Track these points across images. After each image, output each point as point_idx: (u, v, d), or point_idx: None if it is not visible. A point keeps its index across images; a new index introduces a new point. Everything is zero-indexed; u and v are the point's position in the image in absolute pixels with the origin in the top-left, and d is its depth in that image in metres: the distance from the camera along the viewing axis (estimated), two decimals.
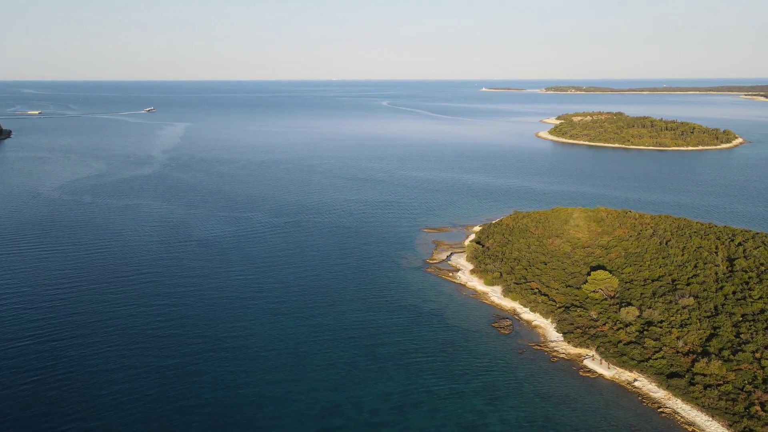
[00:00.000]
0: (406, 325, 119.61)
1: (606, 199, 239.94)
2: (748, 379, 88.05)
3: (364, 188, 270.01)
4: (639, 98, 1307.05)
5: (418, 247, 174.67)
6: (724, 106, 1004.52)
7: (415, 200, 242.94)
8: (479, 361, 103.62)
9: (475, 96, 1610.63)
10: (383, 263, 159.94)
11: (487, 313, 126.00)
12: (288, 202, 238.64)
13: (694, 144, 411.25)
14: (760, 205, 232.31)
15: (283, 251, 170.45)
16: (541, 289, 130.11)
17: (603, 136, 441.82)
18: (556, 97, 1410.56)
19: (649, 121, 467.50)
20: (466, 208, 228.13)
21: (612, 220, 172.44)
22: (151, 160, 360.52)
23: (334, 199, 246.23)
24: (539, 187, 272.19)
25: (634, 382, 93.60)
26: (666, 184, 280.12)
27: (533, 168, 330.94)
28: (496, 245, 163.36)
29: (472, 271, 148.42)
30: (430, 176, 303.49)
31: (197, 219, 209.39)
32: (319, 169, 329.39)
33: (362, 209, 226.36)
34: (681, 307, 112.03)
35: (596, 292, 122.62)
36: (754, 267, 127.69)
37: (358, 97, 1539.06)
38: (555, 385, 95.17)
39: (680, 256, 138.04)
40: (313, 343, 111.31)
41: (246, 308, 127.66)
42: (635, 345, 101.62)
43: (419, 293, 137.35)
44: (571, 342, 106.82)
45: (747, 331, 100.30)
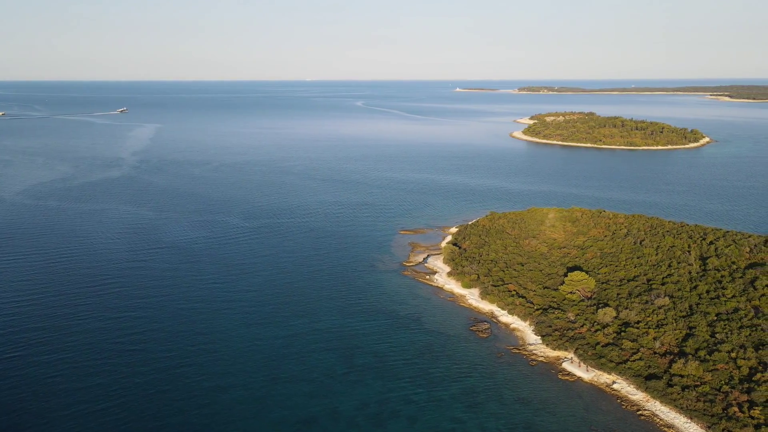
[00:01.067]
0: (383, 331, 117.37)
1: (580, 198, 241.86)
2: (724, 380, 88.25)
3: (339, 190, 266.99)
4: (609, 98, 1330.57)
5: (395, 250, 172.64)
6: (690, 106, 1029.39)
7: (390, 201, 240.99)
8: (458, 367, 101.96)
9: (449, 96, 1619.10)
10: (359, 266, 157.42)
11: (464, 316, 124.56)
12: (261, 205, 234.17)
13: (663, 143, 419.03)
14: (728, 203, 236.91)
15: (256, 256, 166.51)
16: (518, 291, 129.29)
17: (575, 136, 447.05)
18: (529, 98, 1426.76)
19: (620, 121, 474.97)
20: (442, 209, 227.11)
21: (587, 220, 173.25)
22: (119, 163, 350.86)
23: (308, 201, 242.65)
24: (514, 187, 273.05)
25: (613, 385, 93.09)
26: (637, 183, 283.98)
27: (508, 168, 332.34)
28: (473, 247, 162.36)
29: (449, 273, 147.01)
30: (406, 177, 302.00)
31: (167, 223, 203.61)
32: (293, 170, 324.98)
33: (337, 211, 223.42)
34: (657, 307, 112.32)
35: (573, 293, 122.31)
36: (726, 266, 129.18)
37: (332, 97, 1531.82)
38: (534, 389, 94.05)
39: (654, 255, 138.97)
40: (288, 353, 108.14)
41: (217, 318, 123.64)
42: (613, 346, 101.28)
43: (396, 297, 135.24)
44: (549, 345, 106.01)
45: (722, 331, 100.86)
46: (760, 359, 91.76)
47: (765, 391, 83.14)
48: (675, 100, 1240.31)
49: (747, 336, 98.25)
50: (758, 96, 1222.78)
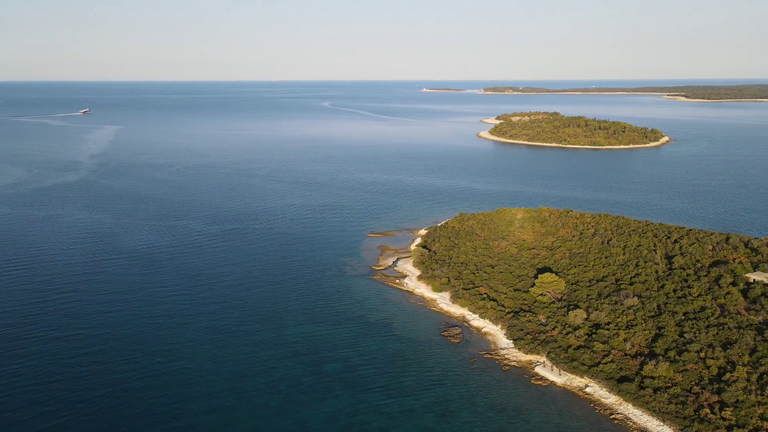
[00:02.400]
0: (352, 338, 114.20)
1: (547, 198, 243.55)
2: (695, 380, 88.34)
3: (306, 192, 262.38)
4: (572, 98, 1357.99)
5: (364, 253, 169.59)
6: (649, 105, 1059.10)
7: (358, 203, 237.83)
8: (430, 374, 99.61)
9: (416, 96, 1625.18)
10: (327, 271, 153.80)
11: (436, 321, 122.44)
12: (226, 209, 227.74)
13: (625, 142, 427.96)
14: (688, 201, 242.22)
15: (220, 262, 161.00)
16: (489, 294, 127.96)
17: (541, 136, 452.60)
18: (495, 98, 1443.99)
19: (584, 121, 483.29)
20: (411, 210, 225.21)
21: (555, 220, 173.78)
22: (76, 166, 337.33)
23: (275, 204, 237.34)
24: (482, 188, 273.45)
25: (586, 388, 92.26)
26: (602, 182, 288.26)
27: (475, 168, 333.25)
28: (443, 249, 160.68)
29: (420, 277, 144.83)
30: (374, 178, 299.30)
31: (127, 230, 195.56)
32: (259, 172, 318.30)
33: (305, 214, 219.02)
34: (626, 307, 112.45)
35: (544, 295, 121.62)
36: (691, 264, 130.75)
37: (299, 98, 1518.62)
38: (508, 395, 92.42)
39: (622, 255, 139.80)
40: (254, 363, 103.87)
41: (180, 328, 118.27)
42: (585, 349, 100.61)
43: (366, 302, 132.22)
44: (521, 349, 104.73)
45: (690, 330, 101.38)
46: (728, 358, 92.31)
47: (735, 391, 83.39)
48: (634, 100, 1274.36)
49: (714, 335, 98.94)
50: (712, 96, 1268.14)
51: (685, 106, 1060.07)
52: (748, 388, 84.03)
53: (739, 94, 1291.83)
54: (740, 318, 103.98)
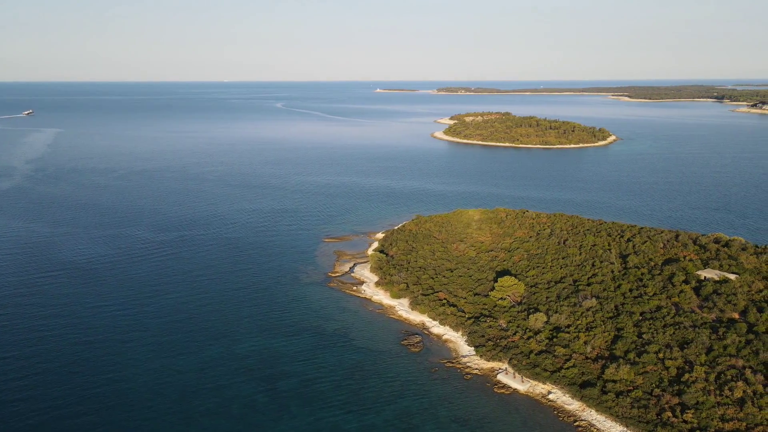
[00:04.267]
0: (309, 351, 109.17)
1: (502, 198, 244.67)
2: (655, 382, 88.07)
3: (258, 196, 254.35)
4: (522, 99, 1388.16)
5: (319, 259, 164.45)
6: (595, 105, 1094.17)
7: (313, 207, 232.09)
8: (390, 386, 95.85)
9: (370, 97, 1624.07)
10: (281, 279, 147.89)
11: (395, 329, 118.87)
12: (174, 216, 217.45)
13: (575, 142, 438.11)
14: (636, 199, 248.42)
15: (167, 273, 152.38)
16: (449, 300, 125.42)
17: (494, 136, 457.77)
18: (448, 98, 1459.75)
19: (535, 121, 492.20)
20: (367, 213, 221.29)
21: (511, 220, 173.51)
22: (10, 172, 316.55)
23: (225, 209, 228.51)
24: (438, 189, 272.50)
25: (549, 395, 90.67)
26: (555, 181, 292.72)
27: (431, 169, 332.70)
28: (401, 253, 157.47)
29: (377, 283, 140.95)
30: (328, 181, 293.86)
31: (65, 240, 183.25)
32: (208, 177, 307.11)
33: (257, 220, 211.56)
34: (585, 309, 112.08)
35: (504, 299, 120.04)
36: (644, 263, 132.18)
37: (250, 99, 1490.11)
38: (471, 406, 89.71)
39: (578, 255, 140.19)
40: (203, 383, 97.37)
41: (121, 346, 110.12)
42: (546, 354, 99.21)
43: (322, 312, 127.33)
44: (483, 356, 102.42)
45: (648, 331, 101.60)
46: (685, 358, 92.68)
47: (695, 392, 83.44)
48: (581, 100, 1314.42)
49: (671, 335, 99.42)
50: (653, 96, 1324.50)
51: (628, 105, 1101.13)
52: (707, 388, 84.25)
53: (677, 94, 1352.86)
54: (695, 316, 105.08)
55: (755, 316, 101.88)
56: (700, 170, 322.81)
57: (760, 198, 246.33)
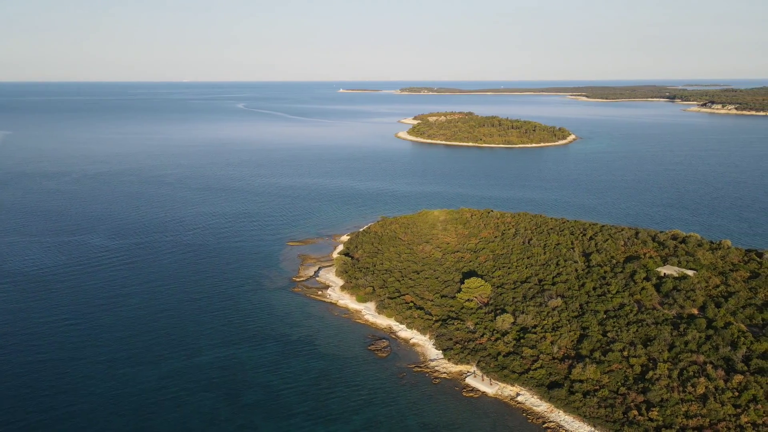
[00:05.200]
0: (273, 359, 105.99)
1: (467, 198, 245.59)
2: (620, 381, 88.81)
3: (219, 200, 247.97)
4: (484, 99, 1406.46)
5: (283, 264, 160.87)
6: (555, 105, 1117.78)
7: (276, 210, 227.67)
8: (358, 394, 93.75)
9: (333, 97, 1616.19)
10: (244, 286, 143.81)
11: (362, 334, 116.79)
12: (130, 221, 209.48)
13: (537, 141, 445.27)
14: (595, 196, 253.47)
15: (123, 282, 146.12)
16: (416, 303, 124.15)
17: (458, 136, 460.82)
18: (411, 98, 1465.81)
19: (497, 121, 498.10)
20: (332, 215, 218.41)
21: (476, 220, 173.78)
22: None
23: (185, 213, 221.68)
24: (403, 189, 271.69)
25: (517, 397, 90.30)
26: (518, 180, 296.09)
27: (395, 169, 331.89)
28: (366, 256, 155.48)
29: (343, 287, 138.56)
30: (292, 182, 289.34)
31: (13, 249, 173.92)
32: (166, 179, 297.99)
33: (218, 224, 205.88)
34: (551, 308, 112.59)
35: (471, 300, 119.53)
36: (607, 261, 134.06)
37: (211, 99, 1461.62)
38: (440, 411, 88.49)
39: (543, 255, 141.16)
40: (162, 398, 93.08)
41: (73, 363, 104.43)
42: (514, 355, 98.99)
43: (287, 318, 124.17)
44: (451, 359, 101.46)
45: (612, 329, 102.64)
46: (649, 355, 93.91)
47: (659, 390, 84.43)
48: (541, 100, 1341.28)
49: (635, 332, 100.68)
50: (610, 96, 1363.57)
51: (586, 105, 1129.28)
52: (670, 385, 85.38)
53: (632, 94, 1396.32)
54: (656, 313, 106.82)
55: (713, 311, 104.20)
56: (655, 168, 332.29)
57: (711, 194, 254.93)
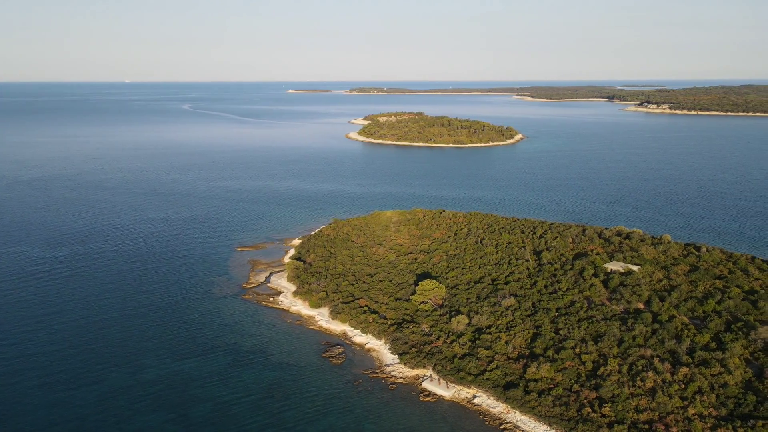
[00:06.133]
0: (223, 371, 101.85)
1: (418, 198, 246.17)
2: (573, 378, 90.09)
3: (163, 205, 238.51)
4: (433, 99, 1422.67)
5: (232, 270, 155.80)
6: (502, 105, 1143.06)
7: (224, 214, 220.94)
8: (312, 404, 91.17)
9: (282, 97, 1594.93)
10: (192, 294, 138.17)
11: (315, 341, 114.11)
12: (68, 229, 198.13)
13: (486, 140, 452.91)
14: (543, 195, 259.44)
15: (60, 295, 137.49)
16: (370, 306, 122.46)
17: (408, 136, 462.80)
18: (361, 98, 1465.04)
19: (447, 121, 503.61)
20: (282, 219, 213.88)
21: (429, 221, 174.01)
22: None
23: (127, 220, 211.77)
24: (355, 190, 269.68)
25: (474, 399, 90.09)
26: (468, 179, 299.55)
27: (346, 170, 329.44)
28: (319, 260, 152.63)
29: (295, 292, 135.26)
30: (240, 185, 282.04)
31: None
32: (107, 184, 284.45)
33: (163, 230, 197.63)
34: (505, 308, 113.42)
35: (426, 302, 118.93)
36: (557, 258, 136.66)
37: (155, 100, 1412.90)
38: (397, 417, 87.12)
39: (495, 254, 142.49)
40: (104, 417, 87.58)
41: (3, 386, 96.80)
42: (470, 357, 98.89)
43: (237, 327, 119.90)
44: (407, 363, 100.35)
45: (564, 326, 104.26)
46: (600, 351, 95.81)
47: (610, 386, 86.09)
48: (488, 100, 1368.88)
49: (586, 329, 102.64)
50: (553, 96, 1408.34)
51: (531, 105, 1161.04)
52: (621, 380, 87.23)
53: (574, 94, 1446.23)
54: (605, 309, 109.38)
55: (658, 305, 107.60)
56: (597, 166, 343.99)
57: (650, 191, 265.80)
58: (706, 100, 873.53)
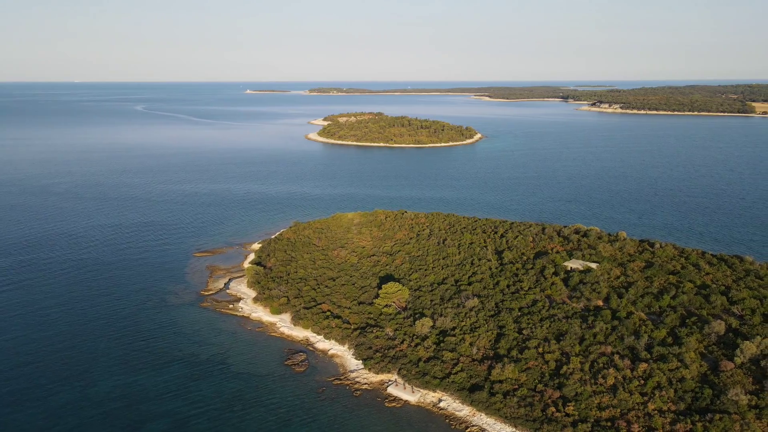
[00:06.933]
0: (181, 384, 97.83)
1: (380, 199, 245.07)
2: (537, 378, 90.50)
3: (116, 210, 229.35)
4: (393, 99, 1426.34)
5: (190, 277, 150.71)
6: (461, 105, 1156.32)
7: (181, 219, 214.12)
8: (275, 415, 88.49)
9: (240, 98, 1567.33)
10: (147, 303, 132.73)
11: (277, 348, 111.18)
12: (12, 237, 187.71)
13: (445, 140, 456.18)
14: (502, 194, 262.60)
15: (4, 307, 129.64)
16: (333, 311, 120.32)
17: (369, 136, 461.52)
18: (320, 99, 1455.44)
19: (407, 121, 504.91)
20: (242, 222, 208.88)
21: (391, 222, 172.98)
22: None
23: (77, 226, 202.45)
24: (315, 192, 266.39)
25: (440, 403, 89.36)
26: (429, 179, 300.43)
27: (307, 172, 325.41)
28: (279, 264, 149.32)
29: (256, 299, 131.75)
30: (197, 189, 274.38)
31: None
32: (55, 189, 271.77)
33: (116, 236, 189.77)
34: (468, 309, 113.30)
35: (389, 306, 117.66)
36: (518, 257, 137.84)
37: (106, 101, 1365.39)
38: (362, 425, 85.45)
39: (457, 255, 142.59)
40: None
41: None
42: (435, 360, 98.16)
43: (195, 336, 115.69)
44: (372, 369, 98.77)
45: (527, 326, 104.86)
46: (562, 350, 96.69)
47: (573, 384, 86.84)
48: (447, 100, 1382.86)
49: (548, 328, 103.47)
50: (510, 96, 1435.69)
51: (489, 105, 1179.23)
52: (583, 378, 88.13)
53: (530, 94, 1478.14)
54: (566, 307, 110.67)
55: (616, 302, 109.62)
56: (554, 164, 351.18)
57: (604, 188, 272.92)
58: (654, 100, 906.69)
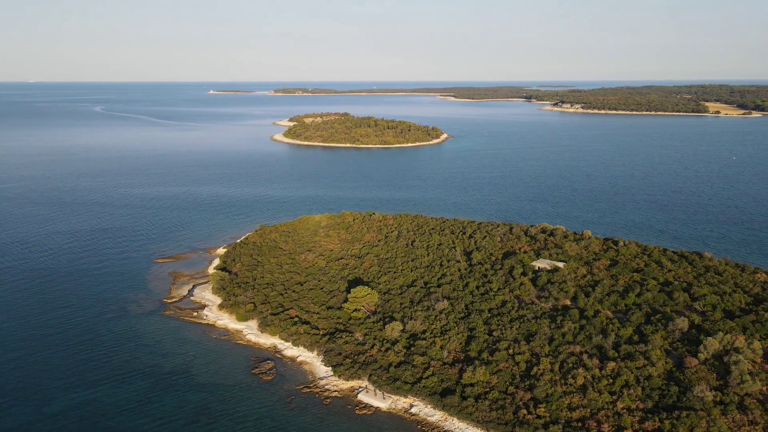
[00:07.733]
0: (142, 397, 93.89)
1: (347, 200, 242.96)
2: (508, 380, 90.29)
3: (73, 215, 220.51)
4: (358, 99, 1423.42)
5: (152, 284, 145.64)
6: (426, 105, 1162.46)
7: (142, 224, 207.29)
8: (243, 426, 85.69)
9: (203, 99, 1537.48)
10: (106, 313, 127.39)
11: (244, 356, 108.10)
12: None
13: (412, 141, 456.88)
14: (468, 193, 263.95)
15: None
16: (301, 317, 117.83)
17: (335, 137, 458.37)
18: (285, 99, 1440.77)
19: (373, 121, 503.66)
20: (205, 227, 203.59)
21: (359, 224, 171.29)
22: None
23: (30, 233, 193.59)
24: (281, 195, 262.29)
25: (411, 409, 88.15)
26: (396, 180, 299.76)
27: (272, 174, 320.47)
28: (245, 269, 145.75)
29: (221, 305, 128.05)
30: (158, 192, 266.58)
31: None
32: (6, 194, 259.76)
33: (73, 243, 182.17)
34: (438, 311, 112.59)
35: (359, 310, 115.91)
36: (487, 258, 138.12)
37: (63, 102, 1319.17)
38: None
39: (426, 256, 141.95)
40: None
41: None
42: (406, 365, 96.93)
43: (157, 347, 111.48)
44: (341, 375, 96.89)
45: (497, 327, 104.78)
46: (532, 351, 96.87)
47: (543, 385, 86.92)
48: (413, 100, 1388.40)
49: (518, 329, 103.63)
50: (475, 96, 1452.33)
51: (454, 105, 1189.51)
52: (553, 379, 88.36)
53: (494, 94, 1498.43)
54: (535, 307, 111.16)
55: (584, 300, 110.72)
56: (519, 164, 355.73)
57: (567, 187, 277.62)
58: (614, 99, 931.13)
